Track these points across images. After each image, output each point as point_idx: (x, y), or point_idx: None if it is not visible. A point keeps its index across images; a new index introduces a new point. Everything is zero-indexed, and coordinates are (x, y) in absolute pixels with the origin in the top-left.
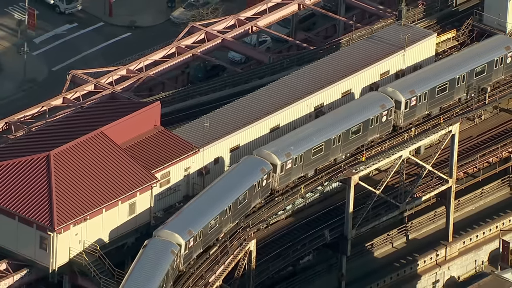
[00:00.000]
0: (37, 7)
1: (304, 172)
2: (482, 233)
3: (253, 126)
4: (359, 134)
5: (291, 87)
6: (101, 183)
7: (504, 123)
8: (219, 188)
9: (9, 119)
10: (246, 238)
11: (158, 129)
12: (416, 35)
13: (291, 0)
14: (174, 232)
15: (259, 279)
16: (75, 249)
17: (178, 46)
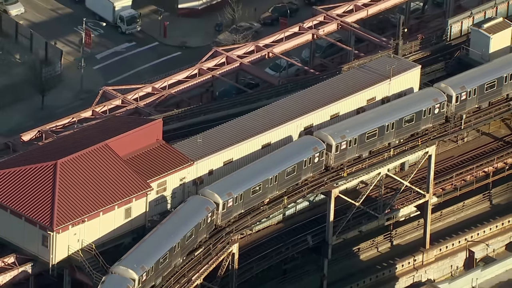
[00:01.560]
0: (103, 27)
1: (359, 153)
2: (458, 241)
3: (246, 142)
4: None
5: (285, 109)
6: (100, 189)
7: (483, 145)
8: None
9: (41, 128)
10: (229, 242)
11: (160, 143)
12: (403, 67)
13: (306, 31)
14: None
15: (243, 278)
16: (73, 247)
17: (200, 68)
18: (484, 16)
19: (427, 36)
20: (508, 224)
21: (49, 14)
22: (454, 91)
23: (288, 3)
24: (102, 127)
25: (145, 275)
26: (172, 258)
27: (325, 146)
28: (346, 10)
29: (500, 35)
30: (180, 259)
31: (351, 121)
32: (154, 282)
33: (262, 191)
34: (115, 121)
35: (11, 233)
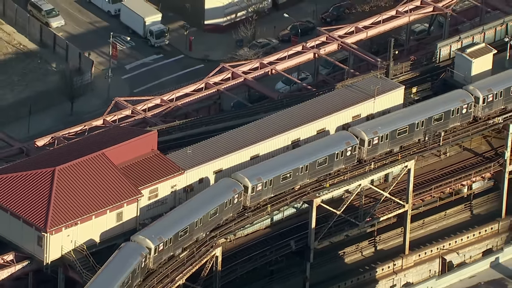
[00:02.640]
0: (134, 40)
1: (390, 147)
2: (436, 248)
3: (235, 154)
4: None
5: (274, 123)
6: (94, 195)
7: (464, 160)
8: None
9: (54, 135)
10: (213, 246)
11: (154, 152)
12: (388, 87)
13: (308, 50)
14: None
15: (227, 279)
16: (66, 247)
17: (207, 82)
18: (472, 40)
19: (418, 58)
20: (485, 233)
21: (87, 27)
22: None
23: (306, 22)
24: (102, 137)
25: (162, 245)
26: (194, 232)
27: (358, 141)
28: (347, 32)
29: (482, 59)
30: (203, 233)
31: (383, 118)
32: (173, 252)
33: (292, 178)
34: (114, 131)
35: (11, 233)
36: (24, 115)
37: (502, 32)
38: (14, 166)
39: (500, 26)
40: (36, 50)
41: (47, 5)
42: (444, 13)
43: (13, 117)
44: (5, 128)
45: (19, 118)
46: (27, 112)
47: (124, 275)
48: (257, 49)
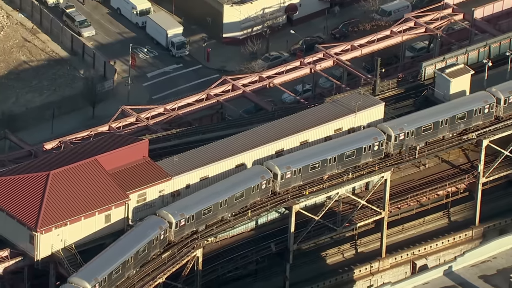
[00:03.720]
0: (158, 50)
1: (416, 143)
2: (412, 252)
3: (221, 162)
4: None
5: (260, 134)
6: (84, 198)
7: (442, 171)
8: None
9: (62, 139)
10: (194, 247)
11: (145, 159)
12: (369, 103)
13: (305, 65)
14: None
15: (209, 277)
16: (56, 246)
17: (208, 93)
18: (456, 60)
19: (405, 75)
20: (459, 239)
21: (116, 37)
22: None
23: (316, 37)
24: (96, 144)
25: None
26: (218, 212)
27: (386, 137)
28: (343, 49)
29: (460, 79)
30: (228, 213)
31: (409, 117)
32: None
33: (321, 168)
34: (108, 139)
35: (7, 231)
36: (50, 118)
37: (485, 53)
38: (12, 170)
39: (483, 48)
40: (67, 57)
41: (80, 16)
42: (434, 34)
43: (39, 119)
44: (31, 129)
45: (45, 120)
46: (50, 115)
47: (140, 244)
48: (268, 61)
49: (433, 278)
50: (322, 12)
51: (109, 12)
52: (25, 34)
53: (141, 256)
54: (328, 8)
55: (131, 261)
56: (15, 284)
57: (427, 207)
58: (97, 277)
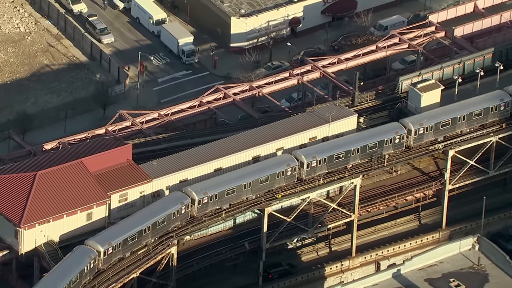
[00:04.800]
0: (170, 57)
1: (435, 137)
2: (381, 252)
3: (200, 166)
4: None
5: (239, 141)
6: (67, 197)
7: (412, 177)
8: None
9: (61, 140)
10: (169, 245)
11: (129, 162)
12: (342, 114)
13: (293, 77)
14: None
15: (185, 272)
16: (39, 241)
17: (201, 100)
18: (432, 76)
19: (384, 88)
20: (426, 241)
21: (133, 44)
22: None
23: (316, 48)
24: (84, 147)
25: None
26: (242, 194)
27: (406, 131)
28: (330, 62)
29: (430, 93)
30: (253, 195)
31: (427, 113)
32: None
33: (344, 158)
34: (95, 143)
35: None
36: (63, 118)
37: (460, 69)
38: (3, 169)
39: (458, 64)
40: (86, 62)
41: (101, 24)
42: (416, 50)
43: (55, 119)
44: (46, 128)
45: (59, 120)
46: (67, 114)
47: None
48: (270, 70)
49: (382, 280)
50: (324, 25)
51: (129, 21)
52: (50, 39)
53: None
54: (330, 21)
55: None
56: (4, 275)
57: (401, 210)
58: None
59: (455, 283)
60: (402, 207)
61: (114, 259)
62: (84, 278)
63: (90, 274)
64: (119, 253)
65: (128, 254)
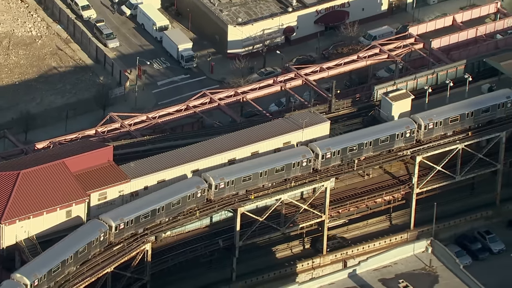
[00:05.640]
0: (170, 61)
1: (444, 131)
2: (351, 251)
3: (177, 167)
4: None
5: (216, 144)
6: (48, 195)
7: (383, 181)
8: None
9: (52, 140)
10: (144, 241)
11: (109, 163)
12: (316, 120)
13: (276, 83)
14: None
15: (160, 267)
16: (20, 236)
17: (188, 104)
18: (406, 85)
19: (360, 96)
20: (395, 241)
21: (136, 49)
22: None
23: (308, 56)
24: (67, 148)
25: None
26: (258, 181)
27: (416, 126)
28: (313, 70)
29: (401, 102)
30: (268, 183)
31: (437, 110)
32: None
33: (358, 151)
34: (79, 144)
35: None
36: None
37: (433, 80)
38: None
39: (431, 75)
40: (91, 65)
41: (107, 30)
42: (394, 60)
43: (57, 118)
44: (48, 127)
45: (61, 119)
46: (69, 114)
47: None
48: (263, 75)
49: (338, 280)
50: (317, 34)
51: (135, 27)
52: (59, 43)
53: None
54: (323, 31)
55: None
56: None
57: (374, 211)
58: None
59: (404, 284)
60: (375, 208)
61: (127, 234)
62: (94, 249)
63: (100, 246)
64: (131, 229)
65: (140, 230)
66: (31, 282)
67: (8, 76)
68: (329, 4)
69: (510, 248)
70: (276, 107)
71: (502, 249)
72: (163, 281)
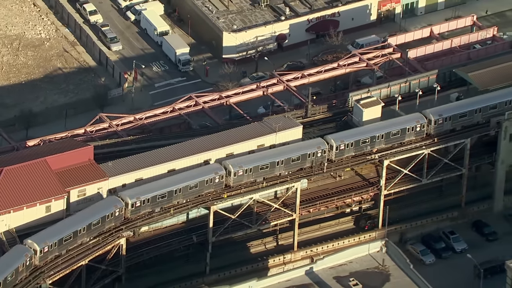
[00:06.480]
0: (168, 65)
1: (453, 126)
2: (321, 247)
3: (154, 167)
4: None
5: (194, 146)
6: (28, 191)
7: (354, 182)
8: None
9: (42, 138)
10: (119, 236)
11: (90, 162)
12: (289, 125)
13: (259, 88)
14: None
15: (135, 261)
16: (0, 229)
17: (173, 107)
18: (380, 93)
19: (337, 102)
20: (363, 239)
21: (138, 52)
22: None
23: (298, 62)
24: (50, 147)
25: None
26: (276, 170)
27: (426, 121)
28: (294, 77)
29: (371, 109)
30: (285, 171)
31: (445, 106)
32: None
33: (370, 143)
34: (62, 143)
35: None
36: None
37: (406, 88)
38: None
39: (404, 83)
40: (94, 67)
41: (111, 34)
42: (372, 68)
43: (58, 116)
44: (48, 124)
45: (62, 117)
46: (68, 113)
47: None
48: (254, 80)
49: (295, 276)
50: (307, 41)
51: (138, 31)
52: (66, 45)
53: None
54: (314, 38)
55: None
56: None
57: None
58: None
59: (354, 282)
60: (349, 207)
61: (143, 212)
62: (108, 223)
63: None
64: (147, 207)
65: (158, 209)
66: (40, 248)
67: (15, 75)
68: (320, 13)
69: (472, 248)
70: (263, 110)
71: (465, 249)
72: (139, 273)
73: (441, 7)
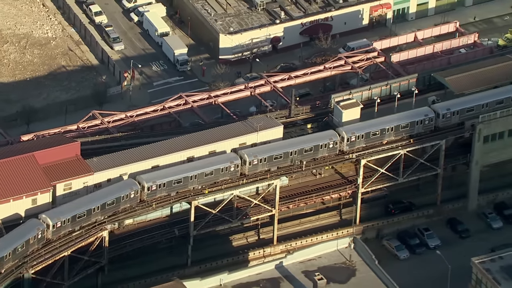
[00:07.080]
0: (168, 64)
1: (460, 120)
2: (300, 242)
3: (139, 163)
4: None
5: (177, 143)
6: (16, 184)
7: (333, 180)
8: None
9: (36, 133)
10: (102, 228)
11: (77, 157)
12: (270, 124)
13: (247, 89)
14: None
15: (119, 252)
16: None
17: (164, 105)
18: (361, 95)
19: (320, 103)
20: (341, 234)
21: (139, 51)
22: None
23: (291, 63)
24: (39, 142)
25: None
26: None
27: (434, 114)
28: (281, 78)
29: (351, 111)
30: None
31: (457, 99)
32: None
33: (380, 135)
34: (50, 139)
35: None
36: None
37: (387, 91)
38: None
39: (385, 86)
40: (97, 65)
41: (114, 34)
42: (356, 71)
43: (59, 112)
44: (49, 120)
45: (62, 113)
46: (69, 109)
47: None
48: (248, 80)
49: (265, 270)
50: (303, 43)
51: (141, 32)
52: (71, 44)
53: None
54: (308, 41)
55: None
56: None
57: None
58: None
59: (319, 277)
60: (328, 204)
61: (159, 195)
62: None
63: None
64: (163, 191)
65: (174, 193)
66: (53, 223)
67: (21, 72)
68: (313, 17)
69: (445, 244)
70: (255, 109)
71: (438, 245)
72: (123, 264)
73: (431, 13)
